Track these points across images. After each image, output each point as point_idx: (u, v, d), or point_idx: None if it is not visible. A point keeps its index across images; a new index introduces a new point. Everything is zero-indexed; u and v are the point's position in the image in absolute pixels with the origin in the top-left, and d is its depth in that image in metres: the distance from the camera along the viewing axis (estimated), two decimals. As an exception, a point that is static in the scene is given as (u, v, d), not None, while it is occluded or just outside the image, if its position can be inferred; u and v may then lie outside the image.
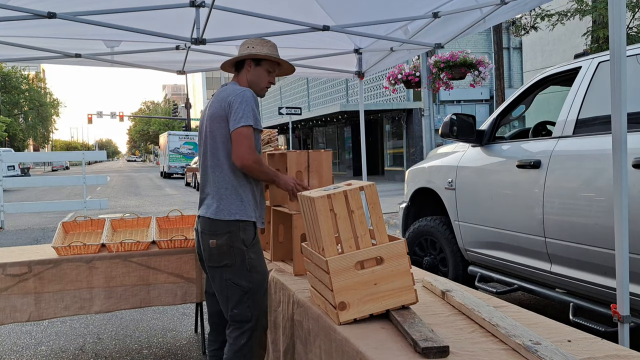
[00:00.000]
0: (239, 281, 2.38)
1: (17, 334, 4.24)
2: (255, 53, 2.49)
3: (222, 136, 2.39)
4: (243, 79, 2.54)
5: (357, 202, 1.95)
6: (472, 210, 4.06)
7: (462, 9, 3.60)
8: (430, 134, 10.21)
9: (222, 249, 2.36)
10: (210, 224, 2.39)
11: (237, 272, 2.38)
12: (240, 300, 2.39)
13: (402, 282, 1.96)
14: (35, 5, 3.09)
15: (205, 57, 4.60)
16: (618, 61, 2.20)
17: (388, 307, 1.96)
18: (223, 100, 2.39)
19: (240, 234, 2.37)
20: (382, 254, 1.95)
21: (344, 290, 1.90)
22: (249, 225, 2.41)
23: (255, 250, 2.44)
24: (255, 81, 2.53)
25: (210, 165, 2.44)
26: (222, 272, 2.39)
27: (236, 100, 2.34)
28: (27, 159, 26.37)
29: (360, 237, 1.95)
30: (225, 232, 2.35)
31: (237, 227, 2.36)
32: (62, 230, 3.68)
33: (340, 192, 1.94)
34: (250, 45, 2.53)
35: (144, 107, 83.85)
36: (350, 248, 1.94)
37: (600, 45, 11.74)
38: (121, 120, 48.90)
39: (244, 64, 2.53)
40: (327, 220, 1.94)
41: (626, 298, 2.25)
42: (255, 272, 2.41)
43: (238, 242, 2.36)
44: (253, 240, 2.42)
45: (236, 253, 2.37)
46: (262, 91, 2.57)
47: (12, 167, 25.32)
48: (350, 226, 1.94)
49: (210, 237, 2.38)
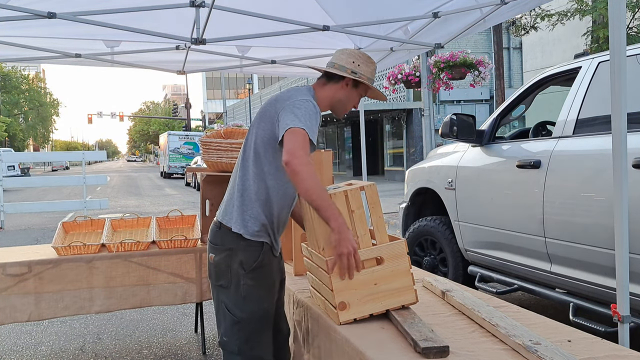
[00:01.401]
0: (231, 308, 2.06)
1: (17, 334, 4.24)
2: (362, 76, 2.12)
3: (262, 138, 2.04)
4: (328, 92, 2.15)
5: (357, 202, 1.94)
6: (472, 210, 4.06)
7: (462, 9, 3.60)
8: (430, 134, 10.22)
9: (220, 267, 2.07)
10: (214, 234, 2.12)
11: (231, 297, 2.06)
12: (230, 329, 2.07)
13: (402, 282, 1.96)
14: (35, 5, 3.08)
15: (205, 57, 4.60)
16: (618, 61, 2.20)
17: (388, 307, 1.96)
18: (282, 100, 2.03)
19: (239, 254, 2.04)
20: (382, 254, 1.94)
21: (344, 290, 1.90)
22: (255, 244, 2.05)
23: (256, 276, 2.06)
24: (344, 102, 2.17)
25: (239, 164, 2.12)
26: (218, 293, 2.11)
27: (295, 104, 1.97)
28: (27, 159, 26.39)
29: (360, 237, 1.94)
30: (225, 249, 2.06)
31: (237, 244, 2.04)
32: (62, 230, 3.68)
33: (340, 191, 1.94)
34: (356, 60, 2.13)
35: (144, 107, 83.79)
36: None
37: (600, 45, 11.74)
38: (121, 120, 48.93)
39: (338, 78, 2.14)
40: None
41: (626, 298, 2.25)
42: (250, 301, 2.05)
43: (235, 263, 2.04)
44: (254, 264, 2.05)
45: (232, 275, 2.05)
46: (343, 112, 2.22)
47: (12, 167, 25.31)
48: (350, 225, 1.93)
49: (210, 250, 2.13)
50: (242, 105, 42.10)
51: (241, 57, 4.63)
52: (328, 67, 2.15)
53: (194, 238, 3.58)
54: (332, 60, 2.17)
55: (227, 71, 5.24)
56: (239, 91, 61.29)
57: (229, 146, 3.48)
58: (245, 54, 4.58)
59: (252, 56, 4.66)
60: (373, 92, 2.21)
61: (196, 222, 3.94)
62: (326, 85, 2.15)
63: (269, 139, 2.01)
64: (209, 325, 4.29)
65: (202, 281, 3.54)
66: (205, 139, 3.60)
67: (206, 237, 3.71)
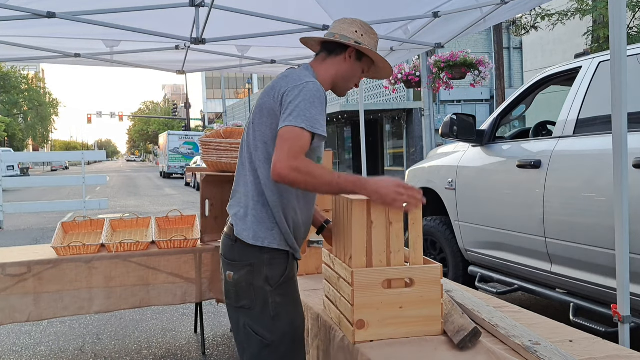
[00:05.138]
0: (259, 330, 1.80)
1: (17, 334, 4.24)
2: (366, 46, 1.86)
3: (263, 134, 1.79)
4: (329, 68, 1.89)
5: (397, 215, 1.75)
6: (472, 211, 4.05)
7: (462, 9, 3.60)
8: (430, 134, 10.22)
9: (240, 286, 1.81)
10: (229, 249, 1.85)
11: (257, 318, 1.80)
12: (258, 355, 1.81)
13: (430, 310, 1.77)
14: (35, 5, 3.08)
15: (204, 57, 4.60)
16: (618, 61, 2.20)
17: (410, 335, 1.76)
18: (278, 88, 1.77)
19: (264, 270, 1.79)
20: (414, 276, 1.75)
21: (365, 307, 1.72)
22: (279, 256, 1.81)
23: (284, 292, 1.83)
24: (347, 78, 1.91)
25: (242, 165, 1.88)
26: (239, 315, 1.84)
27: (292, 93, 1.71)
28: (26, 159, 26.40)
29: (393, 253, 1.76)
30: (245, 265, 1.80)
31: (260, 258, 1.79)
32: (61, 231, 3.68)
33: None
34: (359, 30, 1.88)
35: (143, 107, 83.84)
36: (381, 262, 1.75)
37: (600, 45, 11.74)
38: (121, 120, 48.95)
39: (340, 50, 1.88)
40: (362, 228, 1.73)
41: (626, 298, 2.25)
42: (281, 320, 1.81)
43: (260, 280, 1.79)
44: (282, 278, 1.81)
45: (257, 294, 1.79)
46: (346, 91, 1.96)
47: (12, 167, 25.31)
48: (385, 238, 1.75)
49: (226, 268, 1.85)
50: (242, 105, 42.12)
51: (241, 56, 4.62)
52: (327, 36, 1.90)
53: (194, 238, 3.58)
54: (332, 31, 1.90)
55: (227, 71, 5.24)
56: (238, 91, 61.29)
57: (229, 146, 3.48)
58: (245, 54, 4.58)
59: (251, 56, 4.65)
60: (377, 67, 1.95)
61: (196, 222, 3.93)
62: (326, 60, 1.90)
63: (275, 137, 1.74)
64: (209, 326, 4.29)
65: (201, 281, 3.53)
66: (204, 138, 3.59)
67: (206, 237, 3.74)
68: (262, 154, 1.79)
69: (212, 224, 3.77)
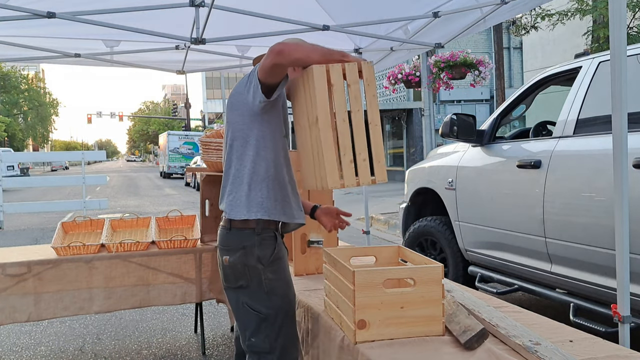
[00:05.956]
0: (255, 306, 2.02)
1: (17, 334, 4.24)
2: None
3: (236, 122, 2.02)
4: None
5: (354, 76, 1.81)
6: (472, 211, 4.05)
7: (462, 9, 3.60)
8: (430, 134, 10.21)
9: (236, 268, 2.02)
10: (224, 237, 2.06)
11: (254, 295, 2.02)
12: (257, 329, 2.02)
13: (431, 310, 1.79)
14: (35, 5, 3.08)
15: (204, 57, 4.60)
16: (618, 61, 2.20)
17: (411, 335, 1.78)
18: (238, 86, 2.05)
19: (255, 251, 2.01)
20: (415, 276, 1.78)
21: (366, 307, 1.75)
22: (268, 237, 2.03)
23: (276, 268, 2.04)
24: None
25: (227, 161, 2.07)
26: (238, 295, 2.05)
27: (251, 73, 1.97)
28: (26, 159, 26.40)
29: (353, 113, 1.81)
30: (238, 248, 2.01)
31: (251, 241, 2.00)
32: (61, 231, 3.68)
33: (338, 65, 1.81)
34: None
35: (143, 107, 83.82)
36: (344, 122, 1.79)
37: (600, 45, 11.73)
38: (121, 120, 48.93)
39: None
40: (324, 92, 1.78)
41: (626, 298, 2.25)
42: (275, 295, 2.03)
43: (253, 260, 2.01)
44: (272, 257, 2.03)
45: (251, 273, 2.01)
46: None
47: (12, 167, 25.32)
48: (343, 99, 1.80)
49: (222, 253, 2.07)
50: (242, 105, 42.01)
51: (241, 56, 4.63)
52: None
53: (194, 238, 3.58)
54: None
55: (227, 71, 5.24)
56: (238, 91, 61.10)
57: (229, 146, 3.47)
58: (245, 54, 4.58)
59: (251, 56, 4.65)
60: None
61: (196, 222, 3.93)
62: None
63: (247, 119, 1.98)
64: (209, 326, 4.29)
65: (201, 281, 3.53)
66: (204, 138, 3.59)
67: (206, 237, 3.74)
68: (241, 137, 2.00)
69: (212, 224, 3.78)
